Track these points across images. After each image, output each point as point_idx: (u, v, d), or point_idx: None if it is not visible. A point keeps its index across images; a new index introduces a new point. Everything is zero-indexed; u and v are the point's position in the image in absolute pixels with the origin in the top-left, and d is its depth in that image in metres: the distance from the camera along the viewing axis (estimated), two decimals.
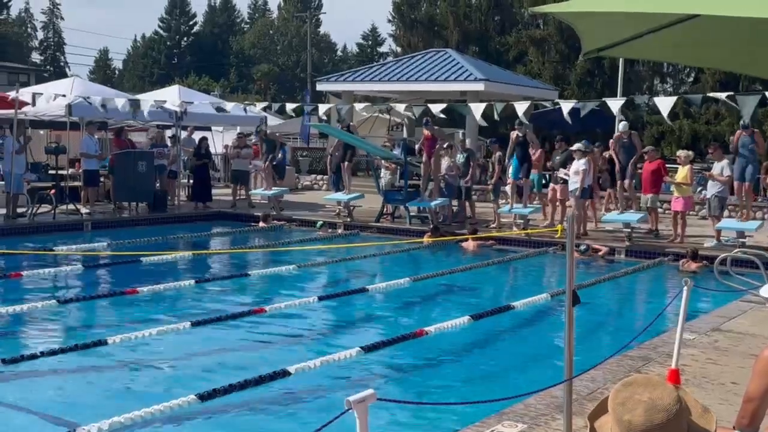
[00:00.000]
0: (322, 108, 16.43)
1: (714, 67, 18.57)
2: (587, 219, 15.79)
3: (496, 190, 16.86)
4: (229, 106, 18.00)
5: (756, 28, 3.04)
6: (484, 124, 14.93)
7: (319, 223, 17.08)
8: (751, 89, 23.82)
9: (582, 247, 13.78)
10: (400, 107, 14.36)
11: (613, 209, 16.30)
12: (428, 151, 16.63)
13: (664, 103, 12.07)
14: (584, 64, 31.32)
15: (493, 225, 16.50)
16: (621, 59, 19.43)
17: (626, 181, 15.02)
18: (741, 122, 14.28)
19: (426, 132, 16.81)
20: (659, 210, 16.04)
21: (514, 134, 16.07)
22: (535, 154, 16.61)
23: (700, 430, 2.14)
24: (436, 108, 13.93)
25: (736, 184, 14.34)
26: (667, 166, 15.76)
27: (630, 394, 2.09)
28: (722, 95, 12.04)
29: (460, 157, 17.53)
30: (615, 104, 13.41)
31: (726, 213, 15.38)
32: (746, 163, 14.03)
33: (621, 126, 15.39)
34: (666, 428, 2.04)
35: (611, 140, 16.17)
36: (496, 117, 13.65)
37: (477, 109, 13.63)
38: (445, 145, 17.61)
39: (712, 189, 14.60)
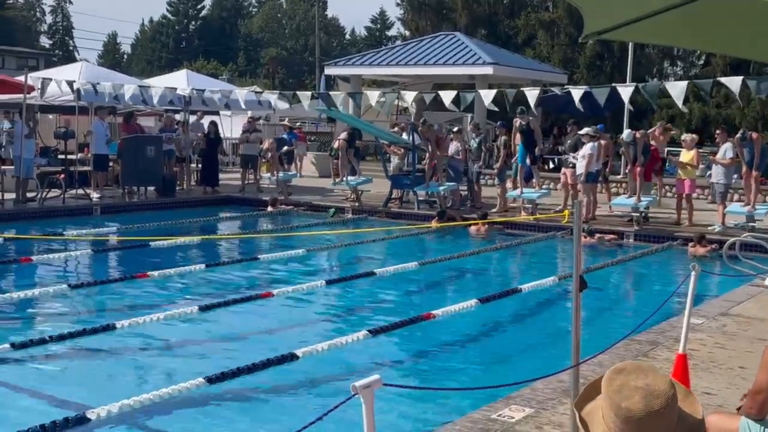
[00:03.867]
0: (335, 96, 15.41)
1: (716, 51, 18.44)
2: (597, 203, 15.72)
3: (501, 174, 16.78)
4: (241, 93, 17.69)
5: (758, 12, 3.01)
6: (494, 108, 14.85)
7: (332, 210, 16.94)
8: (762, 72, 23.64)
9: (586, 227, 13.60)
10: (410, 96, 14.11)
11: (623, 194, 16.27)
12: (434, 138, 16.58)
13: (676, 89, 11.93)
14: (593, 47, 31.09)
15: (495, 210, 16.38)
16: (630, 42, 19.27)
17: (638, 168, 14.96)
18: (739, 134, 14.51)
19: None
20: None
21: (517, 122, 16.15)
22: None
23: (688, 416, 2.09)
24: (447, 97, 13.52)
25: (744, 170, 14.35)
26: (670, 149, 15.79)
27: (624, 381, 2.03)
28: (736, 79, 11.85)
29: (473, 142, 17.49)
30: (625, 91, 13.24)
31: (736, 197, 15.35)
32: (755, 161, 14.20)
33: (625, 135, 15.47)
34: (663, 414, 1.99)
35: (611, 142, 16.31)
36: (508, 103, 13.49)
37: (487, 96, 13.45)
38: (455, 129, 17.56)
39: (716, 174, 14.60)
